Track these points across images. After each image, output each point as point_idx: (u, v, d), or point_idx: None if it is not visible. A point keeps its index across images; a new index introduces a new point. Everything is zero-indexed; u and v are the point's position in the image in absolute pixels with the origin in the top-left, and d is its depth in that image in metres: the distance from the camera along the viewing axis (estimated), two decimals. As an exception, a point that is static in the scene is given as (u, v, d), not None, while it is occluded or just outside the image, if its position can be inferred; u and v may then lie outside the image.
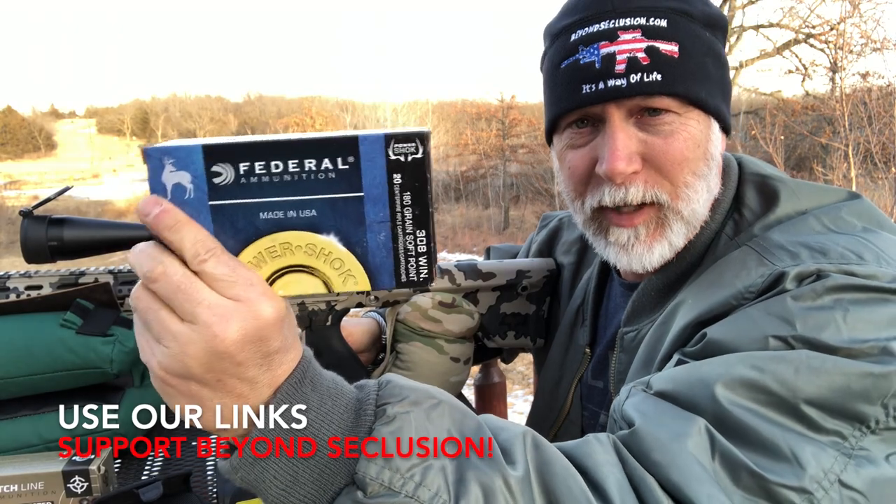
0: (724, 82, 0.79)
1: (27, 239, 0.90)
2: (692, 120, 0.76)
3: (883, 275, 0.64)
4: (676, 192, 0.76)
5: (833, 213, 0.75)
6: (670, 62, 0.73)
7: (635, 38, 0.73)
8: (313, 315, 1.06)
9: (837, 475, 0.55)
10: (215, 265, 0.45)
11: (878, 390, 0.57)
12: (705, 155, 0.77)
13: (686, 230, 0.79)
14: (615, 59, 0.73)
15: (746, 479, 0.54)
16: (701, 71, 0.75)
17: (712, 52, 0.77)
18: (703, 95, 0.75)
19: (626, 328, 0.87)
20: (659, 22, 0.74)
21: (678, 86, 0.74)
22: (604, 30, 0.74)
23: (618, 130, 0.75)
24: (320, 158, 0.44)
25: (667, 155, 0.75)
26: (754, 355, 0.60)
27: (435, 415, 0.51)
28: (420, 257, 0.46)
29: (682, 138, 0.75)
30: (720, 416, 0.58)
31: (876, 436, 0.57)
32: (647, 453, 0.56)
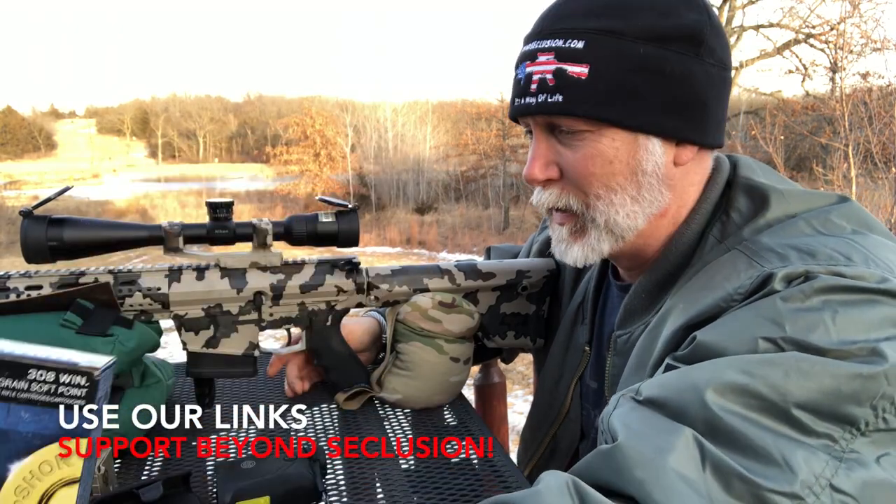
0: (671, 97, 0.77)
1: (27, 239, 0.91)
2: (605, 137, 0.78)
3: (871, 276, 0.64)
4: (588, 203, 0.81)
5: (822, 216, 0.75)
6: (575, 83, 0.76)
7: (548, 59, 0.78)
8: (313, 315, 1.06)
9: (829, 479, 0.55)
10: None
11: (867, 392, 0.57)
12: (626, 170, 0.78)
13: (609, 238, 0.82)
14: (532, 79, 0.79)
15: (738, 486, 0.54)
16: (618, 90, 0.76)
17: (648, 68, 0.75)
18: (613, 115, 0.76)
19: (618, 331, 0.87)
20: (575, 44, 0.76)
21: (578, 107, 0.76)
22: (529, 50, 0.80)
23: (538, 141, 0.82)
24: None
25: (575, 169, 0.80)
26: (744, 359, 0.60)
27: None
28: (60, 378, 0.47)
29: (588, 154, 0.79)
30: (710, 422, 0.57)
31: (866, 438, 0.57)
32: (630, 470, 0.56)
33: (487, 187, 19.00)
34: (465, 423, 1.04)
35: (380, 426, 1.02)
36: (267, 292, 1.02)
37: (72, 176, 37.30)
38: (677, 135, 0.79)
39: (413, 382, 1.07)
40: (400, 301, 1.09)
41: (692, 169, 0.82)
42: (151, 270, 0.99)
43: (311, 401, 1.11)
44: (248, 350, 1.03)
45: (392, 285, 1.09)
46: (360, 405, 1.09)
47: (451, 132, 22.48)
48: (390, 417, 1.05)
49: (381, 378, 1.09)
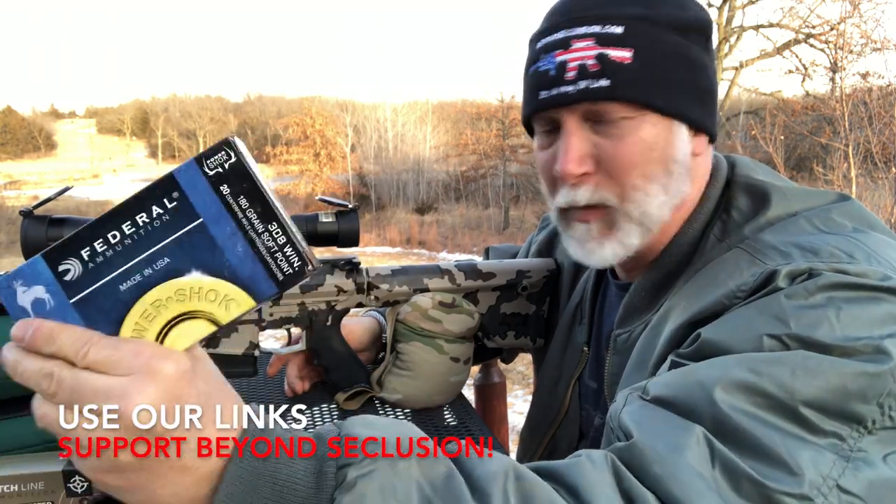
0: (696, 85, 0.79)
1: (27, 239, 0.91)
2: (647, 124, 0.77)
3: (873, 273, 0.64)
4: (624, 195, 0.79)
5: (823, 214, 0.75)
6: (620, 68, 0.75)
7: (587, 45, 0.76)
8: (313, 315, 1.06)
9: (836, 480, 0.55)
10: (97, 353, 0.44)
11: (873, 390, 0.57)
12: (662, 158, 0.78)
13: (640, 231, 0.80)
14: (567, 67, 0.77)
15: (747, 487, 0.54)
16: (658, 75, 0.76)
17: (678, 56, 0.78)
18: (657, 99, 0.77)
19: (618, 330, 0.87)
20: (614, 29, 0.76)
21: (627, 91, 0.75)
22: (559, 39, 0.78)
23: (570, 134, 0.79)
24: (149, 209, 0.45)
25: (615, 158, 0.78)
26: (750, 357, 0.60)
27: (400, 467, 0.49)
28: (285, 248, 0.46)
29: (631, 142, 0.77)
30: (719, 421, 0.57)
31: (873, 436, 0.58)
32: (646, 466, 0.56)
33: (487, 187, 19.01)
34: (465, 423, 1.04)
35: (380, 426, 1.02)
36: (267, 292, 1.02)
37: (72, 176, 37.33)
38: (700, 123, 0.80)
39: (413, 382, 1.07)
40: (400, 301, 1.09)
41: (702, 161, 0.83)
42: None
43: (311, 401, 1.11)
44: (248, 350, 1.03)
45: (392, 285, 1.09)
46: (360, 405, 1.09)
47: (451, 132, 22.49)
48: (390, 417, 1.05)
49: (381, 378, 1.09)
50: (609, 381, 0.88)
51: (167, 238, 0.45)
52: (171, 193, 0.45)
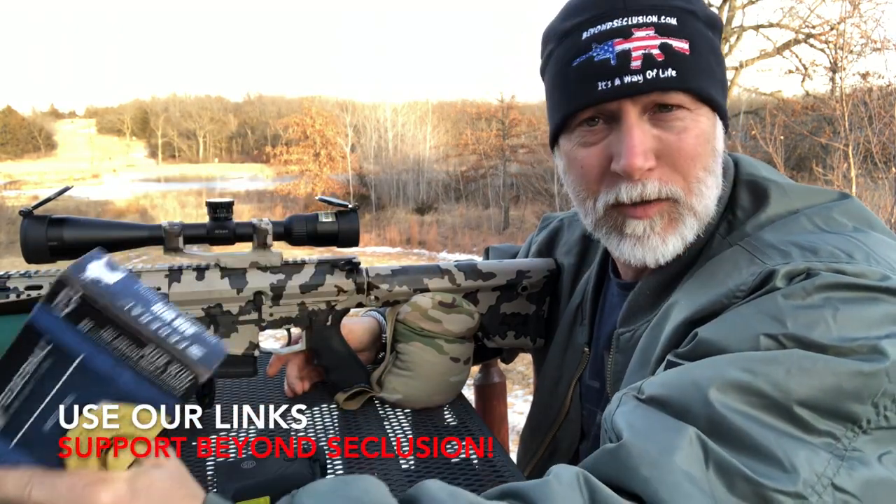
0: (724, 81, 0.81)
1: (27, 239, 0.91)
2: (702, 116, 0.77)
3: (872, 273, 0.64)
4: (690, 188, 0.77)
5: (824, 212, 0.75)
6: (683, 59, 0.75)
7: (649, 34, 0.74)
8: (313, 315, 1.06)
9: (830, 479, 0.55)
10: (38, 493, 0.47)
11: (868, 389, 0.57)
12: (714, 151, 0.79)
13: (697, 225, 0.79)
14: (631, 56, 0.74)
15: (742, 485, 0.54)
16: (709, 68, 0.77)
17: (714, 50, 0.79)
18: (712, 92, 0.77)
19: (621, 329, 0.87)
20: (670, 20, 0.75)
21: (692, 81, 0.75)
22: (617, 27, 0.75)
23: (634, 127, 0.75)
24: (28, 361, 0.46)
25: (680, 151, 0.76)
26: (745, 356, 0.60)
27: None
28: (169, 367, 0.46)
29: (693, 134, 0.76)
30: (713, 420, 0.57)
31: (868, 436, 0.57)
32: (634, 468, 0.56)
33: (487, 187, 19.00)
34: (465, 423, 1.04)
35: (380, 426, 1.02)
36: (267, 292, 1.02)
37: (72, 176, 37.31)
38: (727, 119, 0.82)
39: (413, 382, 1.07)
40: (400, 301, 1.09)
41: None
42: (151, 270, 0.99)
43: (311, 401, 1.11)
44: (249, 350, 1.03)
45: (392, 285, 1.09)
46: (360, 405, 1.08)
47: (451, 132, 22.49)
48: (390, 417, 1.05)
49: (381, 378, 1.09)
50: (612, 379, 0.88)
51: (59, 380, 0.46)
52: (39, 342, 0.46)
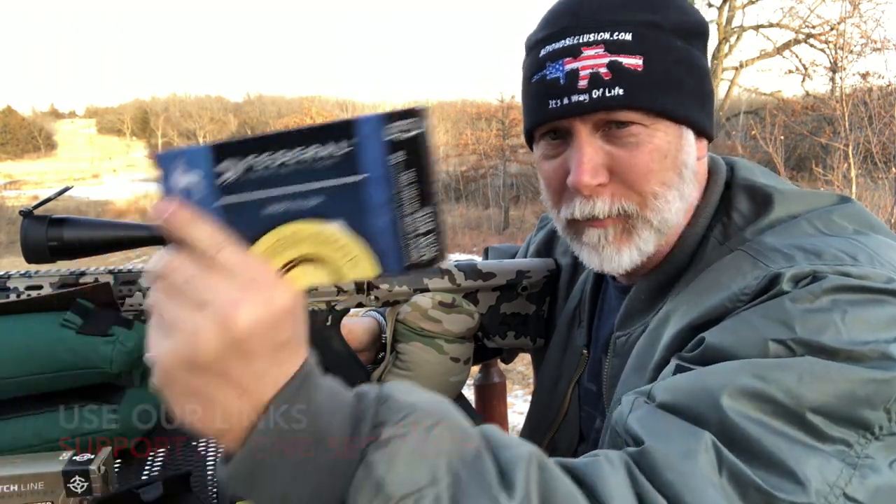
0: (700, 90, 0.79)
1: (27, 239, 0.91)
2: (659, 131, 0.76)
3: (877, 276, 0.64)
4: (644, 203, 0.78)
5: (825, 216, 0.75)
6: (633, 75, 0.74)
7: (598, 53, 0.75)
8: (313, 315, 1.06)
9: (842, 489, 0.55)
10: (227, 256, 0.45)
11: (880, 396, 0.57)
12: (675, 164, 0.78)
13: (656, 238, 0.80)
14: (578, 75, 0.75)
15: (754, 495, 0.54)
16: (668, 82, 0.76)
17: (685, 61, 0.77)
18: (669, 106, 0.76)
19: (618, 332, 0.87)
20: (623, 36, 0.75)
21: (641, 99, 0.75)
22: (568, 46, 0.76)
23: (584, 144, 0.77)
24: (320, 145, 0.44)
25: (633, 167, 0.76)
26: (757, 363, 0.60)
27: (434, 436, 0.49)
28: (427, 236, 0.46)
29: (647, 150, 0.76)
30: (726, 428, 0.57)
31: (880, 442, 0.57)
32: (659, 472, 0.56)
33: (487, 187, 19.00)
34: (465, 423, 1.04)
35: (380, 426, 1.02)
36: (267, 292, 1.02)
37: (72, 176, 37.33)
38: (703, 127, 0.80)
39: (413, 382, 1.07)
40: (400, 301, 1.09)
41: (702, 164, 0.83)
42: (151, 270, 0.99)
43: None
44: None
45: (392, 285, 1.09)
46: (360, 405, 1.08)
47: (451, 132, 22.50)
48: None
49: (382, 378, 1.09)
50: (608, 383, 0.88)
51: (325, 180, 0.45)
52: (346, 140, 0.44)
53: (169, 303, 0.45)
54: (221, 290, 0.44)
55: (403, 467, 0.47)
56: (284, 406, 0.46)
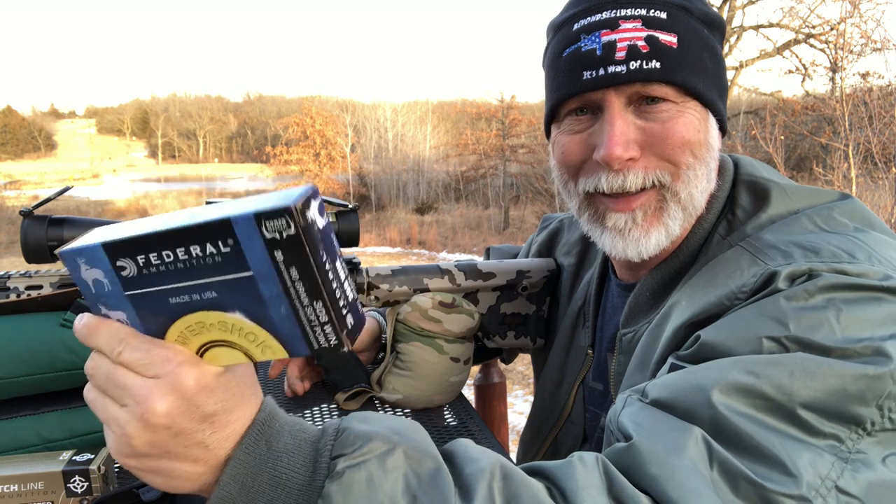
0: (720, 79, 0.81)
1: (27, 239, 0.91)
2: (690, 109, 0.77)
3: (874, 273, 0.64)
4: (678, 174, 0.77)
5: (825, 213, 0.75)
6: (669, 52, 0.75)
7: (636, 27, 0.75)
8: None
9: (834, 481, 0.55)
10: (129, 354, 0.48)
11: (872, 391, 0.57)
12: (705, 144, 0.79)
13: (683, 217, 0.79)
14: (616, 47, 0.75)
15: (745, 488, 0.54)
16: (699, 63, 0.77)
17: (709, 47, 0.79)
18: (700, 87, 0.77)
19: (623, 330, 0.87)
20: (659, 13, 0.76)
21: (676, 74, 0.75)
22: (605, 19, 0.76)
23: (616, 117, 0.76)
24: (202, 244, 0.45)
25: (667, 139, 0.77)
26: (749, 360, 0.60)
27: (390, 462, 0.51)
28: (325, 326, 0.46)
29: (681, 122, 0.77)
30: (717, 423, 0.57)
31: (872, 438, 0.57)
32: (643, 467, 0.56)
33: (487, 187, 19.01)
34: (465, 423, 1.04)
35: (380, 426, 1.02)
36: (267, 292, 1.02)
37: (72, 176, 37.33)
38: (722, 118, 0.81)
39: (413, 382, 1.07)
40: (400, 301, 1.09)
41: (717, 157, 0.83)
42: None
43: (311, 401, 1.11)
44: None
45: (392, 285, 1.09)
46: (360, 405, 1.09)
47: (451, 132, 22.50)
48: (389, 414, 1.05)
49: (382, 378, 1.09)
50: (615, 381, 0.88)
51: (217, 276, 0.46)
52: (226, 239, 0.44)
53: (99, 402, 0.50)
54: (134, 386, 0.48)
55: (359, 495, 0.49)
56: (242, 462, 0.50)
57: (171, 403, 0.47)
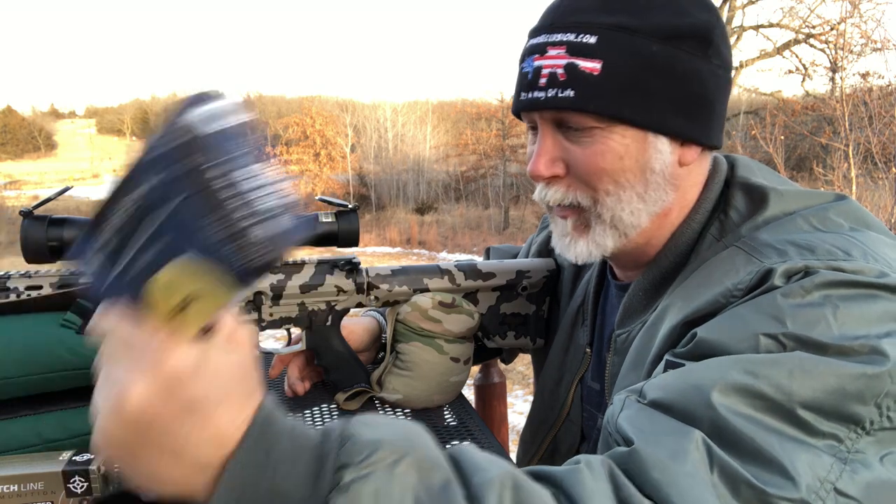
0: (682, 95, 0.77)
1: (27, 239, 0.91)
2: (616, 134, 0.77)
3: (870, 270, 0.64)
4: (597, 199, 0.81)
5: (820, 213, 0.75)
6: (588, 79, 0.75)
7: (559, 54, 0.77)
8: (313, 315, 1.06)
9: (833, 483, 0.55)
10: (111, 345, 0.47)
11: (871, 390, 0.57)
12: (636, 168, 0.78)
13: (613, 234, 0.82)
14: (540, 73, 0.78)
15: (746, 492, 0.54)
16: (631, 87, 0.75)
17: (659, 66, 0.76)
18: (626, 112, 0.76)
19: (618, 330, 0.87)
20: (587, 39, 0.76)
21: (591, 103, 0.76)
22: (539, 43, 0.79)
23: (544, 136, 0.81)
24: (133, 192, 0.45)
25: (583, 165, 0.79)
26: (747, 359, 0.60)
27: (398, 472, 0.48)
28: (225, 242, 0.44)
29: (598, 150, 0.78)
30: (717, 424, 0.57)
31: (871, 437, 0.57)
32: (646, 472, 0.56)
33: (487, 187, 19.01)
34: (465, 423, 1.04)
35: (380, 426, 1.02)
36: (267, 292, 1.02)
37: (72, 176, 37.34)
38: (684, 134, 0.79)
39: (413, 382, 1.07)
40: (400, 301, 1.09)
41: (695, 169, 0.83)
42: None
43: (311, 401, 1.11)
44: (248, 350, 1.03)
45: (392, 285, 1.09)
46: (360, 405, 1.09)
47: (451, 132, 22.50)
48: (392, 417, 1.05)
49: (382, 378, 1.09)
50: (610, 381, 0.88)
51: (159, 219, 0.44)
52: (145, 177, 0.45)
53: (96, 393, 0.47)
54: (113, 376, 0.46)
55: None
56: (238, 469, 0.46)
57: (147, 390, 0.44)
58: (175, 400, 0.45)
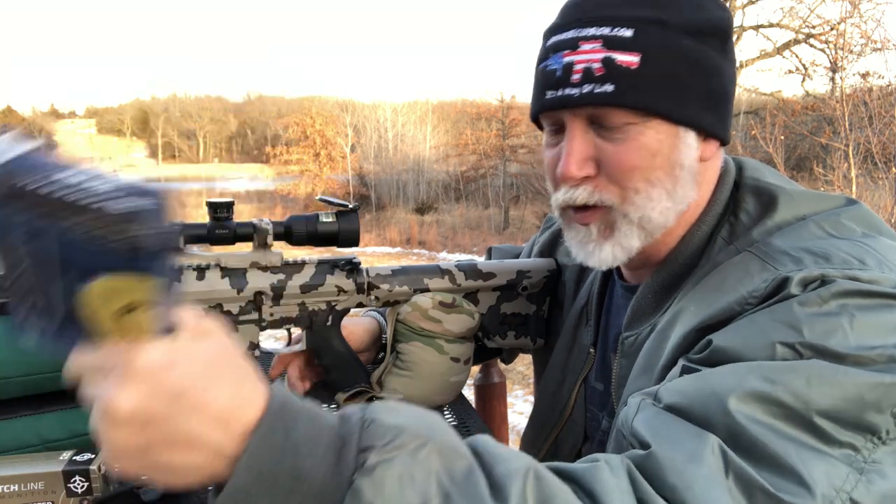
0: (708, 91, 0.78)
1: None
2: (651, 129, 0.76)
3: (885, 280, 0.64)
4: (625, 197, 0.78)
5: (833, 218, 0.75)
6: (626, 73, 0.74)
7: (594, 48, 0.75)
8: (313, 315, 1.06)
9: (849, 493, 0.55)
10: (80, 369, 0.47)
11: (888, 400, 0.57)
12: (667, 164, 0.77)
13: (640, 234, 0.80)
14: (573, 69, 0.76)
15: (761, 498, 0.54)
16: (667, 81, 0.75)
17: (690, 60, 0.76)
18: (663, 106, 0.75)
19: (626, 332, 0.87)
20: (623, 32, 0.75)
21: (630, 97, 0.74)
22: (568, 39, 0.77)
23: (574, 137, 0.78)
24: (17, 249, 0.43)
25: (617, 163, 0.77)
26: (765, 366, 0.60)
27: (422, 457, 0.48)
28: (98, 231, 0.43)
29: (633, 147, 0.76)
30: (734, 431, 0.57)
31: (887, 446, 0.57)
32: (663, 476, 0.56)
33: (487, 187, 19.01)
34: (465, 423, 1.04)
35: (380, 426, 1.02)
36: (267, 292, 1.02)
37: (72, 176, 37.18)
38: (710, 129, 0.79)
39: (413, 382, 1.07)
40: (400, 301, 1.09)
41: (710, 166, 0.82)
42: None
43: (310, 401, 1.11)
44: (249, 350, 1.03)
45: (392, 285, 1.09)
46: (360, 405, 1.08)
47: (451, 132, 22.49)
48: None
49: (382, 378, 1.09)
50: (616, 383, 0.87)
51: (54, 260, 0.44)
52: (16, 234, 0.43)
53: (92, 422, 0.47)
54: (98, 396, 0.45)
55: (392, 492, 0.46)
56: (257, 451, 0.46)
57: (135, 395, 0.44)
58: (160, 392, 0.44)
